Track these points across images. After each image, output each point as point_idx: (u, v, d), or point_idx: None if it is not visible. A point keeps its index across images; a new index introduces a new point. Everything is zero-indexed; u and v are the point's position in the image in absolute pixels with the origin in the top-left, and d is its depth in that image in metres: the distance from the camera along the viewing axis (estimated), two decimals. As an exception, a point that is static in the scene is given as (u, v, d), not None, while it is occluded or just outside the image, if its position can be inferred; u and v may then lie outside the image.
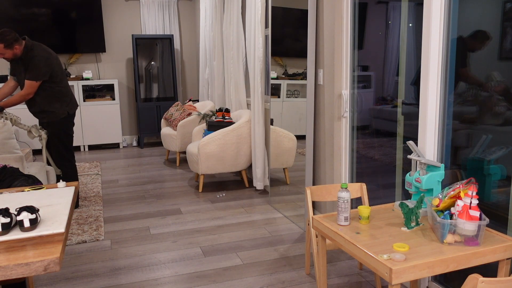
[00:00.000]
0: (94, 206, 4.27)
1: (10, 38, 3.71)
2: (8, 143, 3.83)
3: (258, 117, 4.39)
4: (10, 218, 1.71)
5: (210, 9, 6.02)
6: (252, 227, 3.67)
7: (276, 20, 4.09)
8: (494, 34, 2.09)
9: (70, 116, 4.10)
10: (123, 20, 7.33)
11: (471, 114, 2.27)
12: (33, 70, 3.78)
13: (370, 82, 3.16)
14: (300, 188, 3.90)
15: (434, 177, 2.20)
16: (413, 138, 2.60)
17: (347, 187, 2.27)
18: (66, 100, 4.05)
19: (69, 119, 4.11)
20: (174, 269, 2.96)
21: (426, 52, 2.38)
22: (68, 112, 4.06)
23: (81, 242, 3.45)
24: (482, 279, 1.36)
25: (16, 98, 3.85)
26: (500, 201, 2.15)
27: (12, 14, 6.57)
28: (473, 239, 1.84)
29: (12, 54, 3.75)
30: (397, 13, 2.79)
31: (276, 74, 4.14)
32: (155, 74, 7.43)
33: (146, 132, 7.23)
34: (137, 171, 5.67)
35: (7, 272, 1.47)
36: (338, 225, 2.12)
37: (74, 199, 2.21)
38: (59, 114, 4.01)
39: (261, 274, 2.87)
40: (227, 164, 4.65)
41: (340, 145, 3.32)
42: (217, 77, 5.77)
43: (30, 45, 3.83)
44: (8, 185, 2.75)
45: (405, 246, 1.83)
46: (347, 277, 2.80)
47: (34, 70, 3.78)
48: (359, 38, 3.14)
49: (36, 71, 3.78)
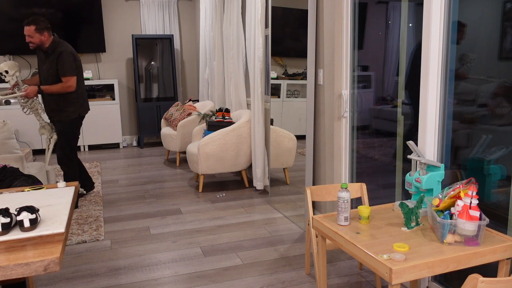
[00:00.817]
0: (94, 206, 4.27)
1: (42, 24, 3.83)
2: (8, 143, 3.84)
3: (258, 117, 4.39)
4: (10, 218, 1.71)
5: (210, 9, 6.02)
6: (252, 227, 3.68)
7: (276, 20, 4.09)
8: (494, 34, 2.09)
9: (80, 118, 4.17)
10: (123, 20, 7.33)
11: (471, 114, 2.27)
12: (64, 65, 3.88)
13: (370, 82, 3.16)
14: (300, 188, 3.90)
15: (434, 177, 2.20)
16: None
17: (347, 187, 2.27)
18: (80, 101, 4.12)
19: (79, 121, 4.18)
20: (174, 269, 2.96)
21: (426, 52, 2.38)
22: (79, 114, 4.12)
23: (81, 242, 3.45)
24: (482, 279, 1.36)
25: (58, 87, 3.93)
26: (500, 201, 2.15)
27: (12, 14, 6.57)
28: (473, 239, 1.84)
29: (39, 40, 3.84)
30: (397, 13, 2.79)
31: (276, 74, 4.14)
32: (155, 74, 7.44)
33: (146, 132, 7.23)
34: (137, 171, 5.67)
35: (7, 272, 1.48)
36: (338, 225, 2.12)
37: (74, 199, 2.21)
38: (71, 115, 4.07)
39: (261, 274, 2.87)
40: (227, 164, 4.65)
41: (340, 145, 3.32)
42: (217, 77, 5.77)
43: (57, 41, 3.94)
44: (8, 185, 2.75)
45: (405, 246, 1.83)
46: (347, 277, 2.80)
47: (66, 65, 3.89)
48: (359, 38, 3.14)
49: (67, 65, 3.90)
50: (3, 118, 6.45)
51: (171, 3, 7.45)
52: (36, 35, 3.82)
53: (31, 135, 6.67)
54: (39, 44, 3.88)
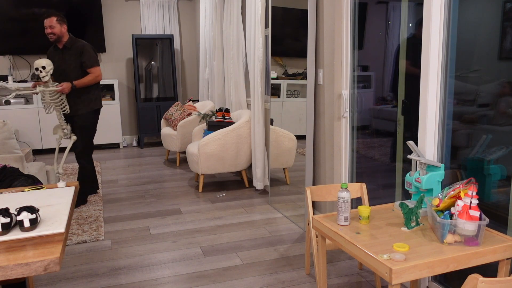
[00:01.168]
0: (94, 206, 4.27)
1: (63, 17, 4.02)
2: (8, 143, 3.84)
3: (258, 117, 4.39)
4: (10, 218, 1.71)
5: (210, 9, 6.02)
6: (252, 227, 3.67)
7: (276, 20, 4.09)
8: (494, 34, 2.09)
9: (98, 111, 4.31)
10: (123, 20, 7.33)
11: (471, 113, 2.27)
12: (91, 57, 4.06)
13: (370, 82, 3.16)
14: (300, 188, 3.90)
15: (434, 177, 2.20)
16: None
17: (347, 187, 2.27)
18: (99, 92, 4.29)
19: (98, 114, 4.32)
20: (174, 269, 2.96)
21: (426, 52, 2.37)
22: (100, 105, 4.29)
23: (81, 242, 3.45)
24: (482, 279, 1.36)
25: (90, 79, 4.09)
26: (500, 201, 2.15)
27: (12, 14, 6.57)
28: (473, 239, 1.84)
29: (59, 31, 3.98)
30: (397, 13, 2.79)
31: (276, 74, 4.14)
32: (155, 74, 7.44)
33: (146, 132, 7.23)
34: (137, 171, 5.67)
35: (7, 272, 1.48)
36: (338, 225, 2.12)
37: (74, 199, 2.21)
38: (94, 105, 4.21)
39: (261, 274, 2.87)
40: (227, 164, 4.65)
41: (340, 145, 3.32)
42: (217, 77, 5.77)
43: (74, 38, 4.11)
44: (8, 185, 2.75)
45: (405, 246, 1.83)
46: (347, 277, 2.80)
47: (92, 57, 4.07)
48: (359, 38, 3.14)
49: (93, 56, 4.09)
50: (3, 118, 6.45)
51: (171, 3, 7.45)
52: (57, 25, 3.96)
53: (31, 135, 6.67)
54: (59, 35, 4.00)
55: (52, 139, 6.77)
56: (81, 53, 4.03)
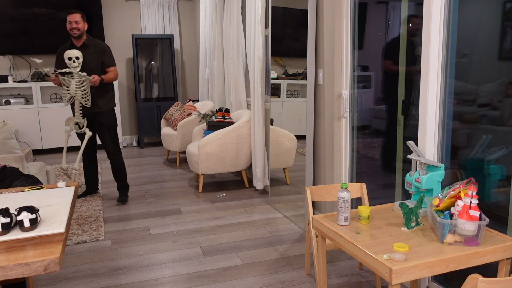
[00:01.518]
0: (94, 206, 4.27)
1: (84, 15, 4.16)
2: (8, 143, 3.84)
3: (258, 117, 4.39)
4: (10, 218, 1.71)
5: (210, 9, 6.02)
6: (252, 227, 3.68)
7: (276, 20, 4.09)
8: (494, 34, 2.09)
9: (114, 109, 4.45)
10: (123, 20, 7.33)
11: (471, 113, 2.27)
12: (111, 56, 4.23)
13: (370, 82, 3.16)
14: (300, 188, 3.90)
15: (434, 177, 2.20)
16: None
17: (347, 187, 2.27)
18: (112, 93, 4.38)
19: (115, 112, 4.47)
20: (174, 269, 2.96)
21: (426, 52, 2.37)
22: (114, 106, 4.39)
23: (81, 242, 3.45)
24: (482, 279, 1.36)
25: (112, 76, 4.24)
26: (500, 201, 2.15)
27: (12, 14, 6.57)
28: (473, 239, 1.84)
29: (83, 27, 4.11)
30: (397, 13, 2.79)
31: (276, 74, 4.14)
32: (155, 74, 7.44)
33: (146, 132, 7.23)
34: (137, 171, 5.67)
35: (7, 272, 1.48)
36: (338, 225, 2.12)
37: (74, 199, 2.21)
38: (111, 104, 4.33)
39: (261, 274, 2.87)
40: (227, 164, 4.65)
41: (340, 145, 3.32)
42: (217, 77, 5.77)
43: (91, 37, 4.22)
44: (8, 185, 2.75)
45: (405, 246, 1.83)
46: (347, 277, 2.80)
47: (110, 56, 4.22)
48: (359, 38, 3.14)
49: (111, 56, 4.24)
50: (3, 118, 6.46)
51: (171, 3, 7.45)
52: (82, 22, 4.09)
53: (31, 135, 6.67)
54: (82, 31, 4.10)
55: (52, 139, 6.77)
56: (102, 52, 4.16)
